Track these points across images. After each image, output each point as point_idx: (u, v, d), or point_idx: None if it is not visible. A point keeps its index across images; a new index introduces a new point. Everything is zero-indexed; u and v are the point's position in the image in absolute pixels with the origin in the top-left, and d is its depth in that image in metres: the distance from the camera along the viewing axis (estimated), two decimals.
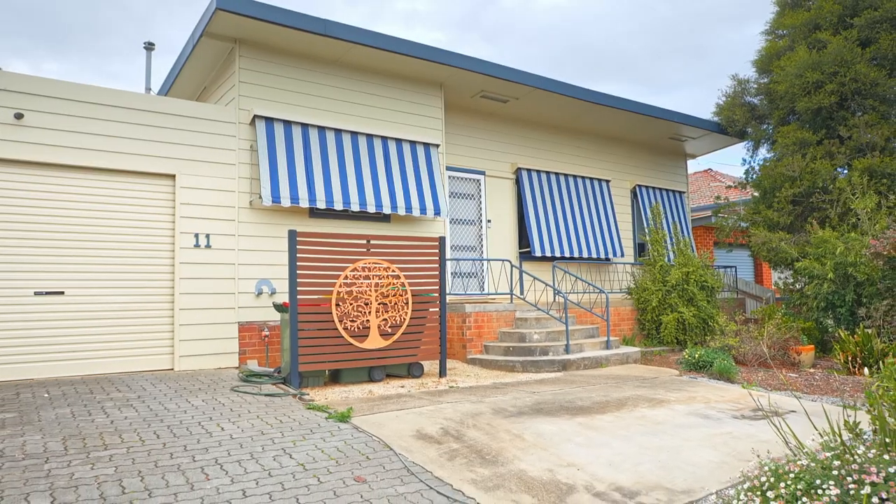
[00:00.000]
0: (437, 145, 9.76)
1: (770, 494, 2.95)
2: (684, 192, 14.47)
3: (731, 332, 9.75)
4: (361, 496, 3.62)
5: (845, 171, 11.16)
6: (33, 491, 3.48)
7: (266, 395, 6.08)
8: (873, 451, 2.85)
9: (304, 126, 8.48)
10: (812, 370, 8.62)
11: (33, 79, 6.87)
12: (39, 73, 42.35)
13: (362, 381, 7.14)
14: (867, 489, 2.58)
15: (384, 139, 9.21)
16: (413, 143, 9.50)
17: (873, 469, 2.65)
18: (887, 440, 2.90)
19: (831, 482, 2.71)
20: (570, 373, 8.16)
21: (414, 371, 7.50)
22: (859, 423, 3.35)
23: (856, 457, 2.80)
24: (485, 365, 8.58)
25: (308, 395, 6.28)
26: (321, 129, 8.64)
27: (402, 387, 6.90)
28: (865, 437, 3.31)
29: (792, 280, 10.97)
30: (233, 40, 8.12)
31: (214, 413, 5.28)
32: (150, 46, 12.54)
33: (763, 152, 13.11)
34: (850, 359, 8.20)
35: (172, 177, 7.57)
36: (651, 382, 7.43)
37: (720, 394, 6.79)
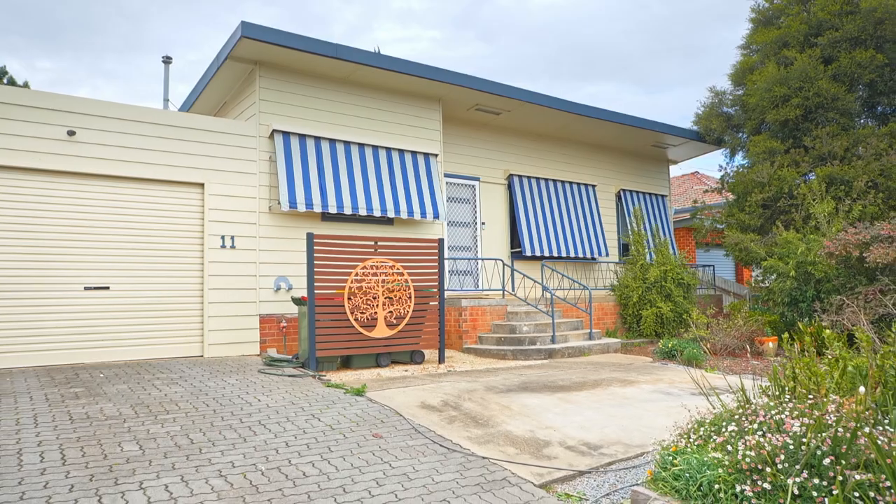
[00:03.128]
0: (436, 155, 10.71)
1: (693, 437, 3.92)
2: (666, 196, 15.45)
3: (703, 325, 10.73)
4: (379, 447, 4.57)
5: (812, 176, 12.15)
6: (122, 440, 4.43)
7: (289, 375, 7.02)
8: (766, 401, 3.81)
9: (317, 139, 9.43)
10: (774, 358, 9.60)
11: (81, 99, 7.79)
12: (33, 71, 43.04)
13: (370, 367, 8.08)
14: (756, 426, 3.54)
15: (388, 150, 10.16)
16: (414, 153, 10.45)
17: (762, 412, 3.61)
18: (777, 393, 3.86)
19: (732, 423, 3.67)
20: (555, 360, 9.12)
21: (416, 358, 8.44)
22: (768, 386, 4.33)
23: (752, 405, 3.77)
24: (479, 354, 9.53)
25: (325, 376, 7.23)
26: (332, 141, 9.59)
27: (406, 371, 7.85)
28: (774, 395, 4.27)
29: (761, 278, 11.95)
30: (253, 62, 9.05)
31: (249, 389, 6.22)
32: (167, 60, 13.45)
33: (739, 159, 14.10)
34: (804, 348, 9.18)
35: (202, 185, 8.52)
36: (626, 368, 8.39)
37: (684, 376, 7.75)
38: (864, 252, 8.95)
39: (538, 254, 12.37)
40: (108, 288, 7.82)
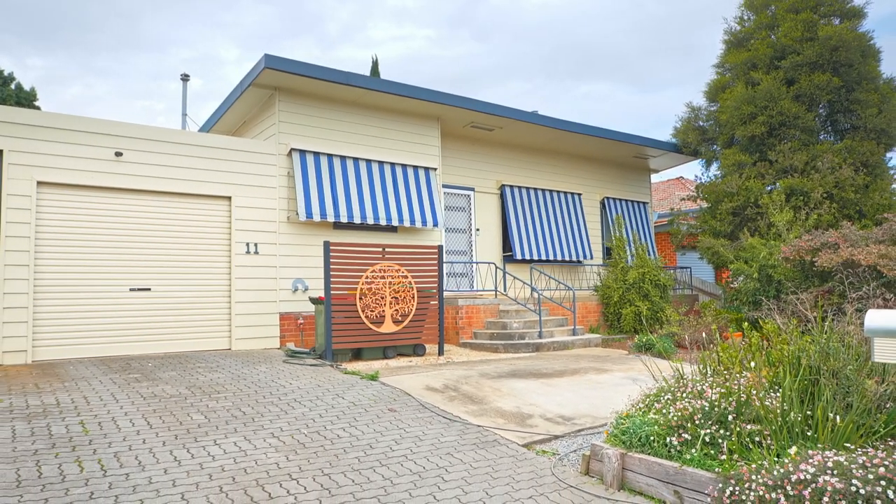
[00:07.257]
0: (435, 169, 11.83)
1: (640, 405, 5.06)
2: (647, 203, 16.62)
3: (676, 322, 11.89)
4: (395, 417, 5.69)
5: (777, 185, 13.32)
6: (189, 412, 5.53)
7: (310, 365, 8.13)
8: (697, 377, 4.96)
9: (330, 156, 10.54)
10: None
11: (127, 124, 8.88)
12: (25, 69, 43.94)
13: (378, 358, 9.18)
14: (685, 394, 4.68)
15: (392, 165, 11.28)
16: (415, 168, 11.57)
17: (690, 384, 4.76)
18: (703, 372, 5.01)
19: (669, 394, 4.81)
20: (541, 353, 10.25)
21: (418, 351, 9.56)
22: (706, 367, 5.47)
23: (684, 380, 4.92)
24: (474, 347, 10.66)
25: (341, 366, 8.33)
26: (343, 157, 10.70)
27: (411, 361, 8.96)
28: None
29: (731, 279, 13.13)
30: (273, 88, 10.15)
31: (279, 375, 7.32)
32: (185, 77, 14.51)
33: (714, 169, 15.24)
34: (760, 340, 10.35)
35: (229, 198, 9.62)
36: (603, 359, 9.53)
37: (652, 366, 8.89)
38: (814, 257, 10.11)
39: (528, 257, 13.51)
40: (149, 289, 8.91)
